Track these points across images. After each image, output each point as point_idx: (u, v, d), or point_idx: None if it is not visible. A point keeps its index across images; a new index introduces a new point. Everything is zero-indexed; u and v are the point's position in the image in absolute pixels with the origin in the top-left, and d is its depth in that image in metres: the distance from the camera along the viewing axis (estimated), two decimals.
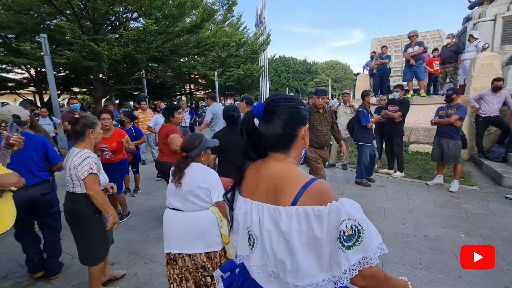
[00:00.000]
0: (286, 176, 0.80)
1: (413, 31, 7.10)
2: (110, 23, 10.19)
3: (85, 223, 1.99)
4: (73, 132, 2.03)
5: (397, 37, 22.31)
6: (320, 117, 3.63)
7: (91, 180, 1.90)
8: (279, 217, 0.76)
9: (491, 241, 2.84)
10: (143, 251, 2.86)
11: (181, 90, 20.47)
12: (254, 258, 0.85)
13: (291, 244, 0.73)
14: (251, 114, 0.84)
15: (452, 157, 4.21)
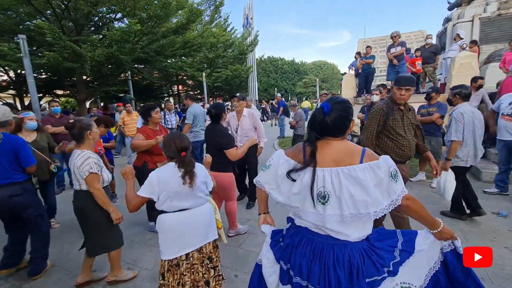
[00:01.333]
0: (349, 149, 1.19)
1: (395, 32, 7.30)
2: (93, 24, 9.97)
3: (92, 218, 2.17)
4: (72, 136, 2.16)
5: (382, 38, 22.78)
6: (402, 117, 2.48)
7: (92, 179, 2.07)
8: (355, 172, 1.11)
9: (470, 235, 2.94)
10: (127, 256, 2.80)
11: (168, 91, 20.23)
12: (329, 209, 1.15)
13: (367, 187, 1.10)
14: (321, 110, 1.19)
15: (434, 154, 4.32)
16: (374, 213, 1.11)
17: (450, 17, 9.61)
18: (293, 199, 1.22)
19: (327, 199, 1.14)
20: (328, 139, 1.21)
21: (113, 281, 2.35)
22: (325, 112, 1.17)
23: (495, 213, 3.39)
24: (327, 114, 1.17)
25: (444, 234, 1.25)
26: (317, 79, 28.42)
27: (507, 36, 7.68)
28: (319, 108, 1.20)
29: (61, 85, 12.16)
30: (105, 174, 2.21)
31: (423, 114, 4.48)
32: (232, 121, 3.91)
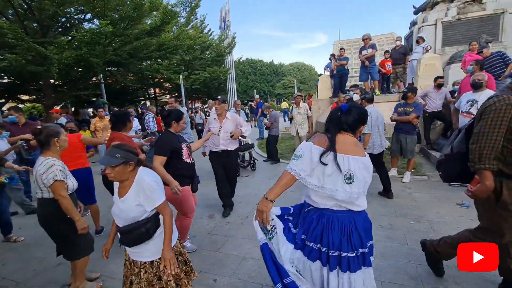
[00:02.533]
0: (357, 143, 1.56)
1: (366, 34, 7.62)
2: (60, 25, 9.47)
3: (57, 225, 2.12)
4: (38, 143, 2.08)
5: (356, 40, 23.64)
6: None
7: (57, 187, 2.01)
8: (367, 161, 1.52)
9: (436, 225, 3.12)
10: (101, 268, 2.68)
11: (145, 94, 19.66)
12: (354, 187, 1.46)
13: (370, 172, 1.52)
14: (338, 109, 1.58)
15: (409, 152, 4.53)
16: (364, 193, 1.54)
17: (415, 21, 10.18)
18: (326, 181, 1.47)
19: (352, 180, 1.46)
20: (342, 133, 1.55)
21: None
22: (342, 110, 1.54)
23: (459, 203, 3.62)
24: (343, 113, 1.54)
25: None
26: (295, 81, 28.92)
27: (466, 39, 8.26)
28: (337, 106, 1.60)
29: (26, 89, 11.40)
30: (70, 182, 2.16)
31: (400, 113, 4.63)
32: (213, 124, 3.73)
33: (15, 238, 3.33)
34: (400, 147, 4.61)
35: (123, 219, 1.66)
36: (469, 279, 2.20)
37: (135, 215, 1.64)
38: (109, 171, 1.59)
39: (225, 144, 3.67)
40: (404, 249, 2.69)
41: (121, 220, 1.68)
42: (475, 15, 8.49)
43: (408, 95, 4.58)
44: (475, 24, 8.52)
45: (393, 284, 2.23)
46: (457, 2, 8.96)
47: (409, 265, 2.44)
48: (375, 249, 2.69)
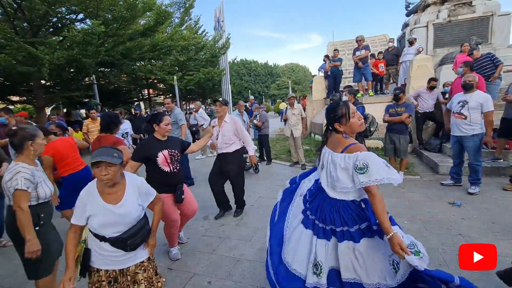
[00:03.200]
0: (339, 141, 1.69)
1: (360, 36, 7.69)
2: (51, 25, 9.30)
3: (20, 236, 1.86)
4: (11, 145, 1.93)
5: (350, 41, 23.74)
6: None
7: (17, 196, 1.82)
8: (335, 157, 1.65)
9: (428, 224, 3.15)
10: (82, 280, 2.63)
11: (138, 95, 19.47)
12: (322, 175, 1.78)
13: (337, 169, 1.62)
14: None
15: (402, 151, 4.59)
16: (341, 188, 1.62)
17: (408, 23, 10.32)
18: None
19: (322, 168, 1.79)
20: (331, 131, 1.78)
21: None
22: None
23: (451, 203, 3.68)
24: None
25: (392, 245, 1.42)
26: (290, 81, 29.02)
27: (457, 41, 8.42)
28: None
29: (16, 90, 11.17)
30: (42, 189, 1.96)
31: (391, 114, 4.68)
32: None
33: (5, 242, 3.26)
34: (394, 147, 4.66)
35: (124, 224, 1.60)
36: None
37: (138, 214, 1.67)
38: (105, 172, 1.51)
39: (223, 148, 3.58)
40: None
41: (121, 226, 1.59)
42: (465, 18, 8.65)
43: (400, 96, 4.63)
44: (466, 26, 8.68)
45: None
46: (448, 5, 9.12)
47: None
48: None
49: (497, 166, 4.62)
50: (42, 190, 1.96)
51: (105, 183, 1.55)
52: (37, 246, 1.83)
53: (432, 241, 2.81)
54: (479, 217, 3.26)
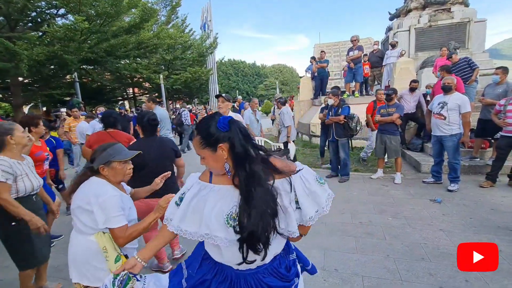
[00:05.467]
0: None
1: (355, 36, 7.79)
2: (30, 20, 8.91)
3: (1, 231, 1.94)
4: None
5: (335, 43, 24.20)
6: None
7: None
8: None
9: (412, 221, 3.27)
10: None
11: (123, 94, 19.00)
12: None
13: None
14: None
15: (394, 151, 4.68)
16: None
17: (391, 27, 10.66)
18: None
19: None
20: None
21: None
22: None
23: (432, 200, 3.83)
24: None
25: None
26: (277, 82, 29.23)
27: (437, 45, 8.77)
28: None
29: None
30: (22, 183, 1.94)
31: (383, 114, 4.77)
32: None
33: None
34: (384, 147, 4.76)
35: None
36: (442, 269, 2.33)
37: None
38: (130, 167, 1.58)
39: None
40: (383, 244, 2.80)
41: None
42: (444, 23, 9.03)
43: (392, 96, 4.75)
44: (445, 31, 9.07)
45: (372, 278, 2.31)
46: (428, 10, 9.49)
47: (387, 259, 2.54)
48: (356, 244, 2.80)
49: (474, 165, 4.86)
50: (22, 184, 1.93)
51: (128, 177, 1.60)
52: (40, 222, 1.90)
53: (415, 236, 2.92)
54: (458, 213, 3.41)
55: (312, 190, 1.02)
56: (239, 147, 0.94)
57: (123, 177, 1.56)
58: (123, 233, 1.41)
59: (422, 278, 2.26)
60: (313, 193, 1.02)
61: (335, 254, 2.68)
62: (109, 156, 1.48)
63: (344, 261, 2.56)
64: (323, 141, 5.81)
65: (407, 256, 2.57)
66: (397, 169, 4.79)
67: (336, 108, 4.85)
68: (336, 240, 2.95)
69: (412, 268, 2.39)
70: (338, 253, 2.70)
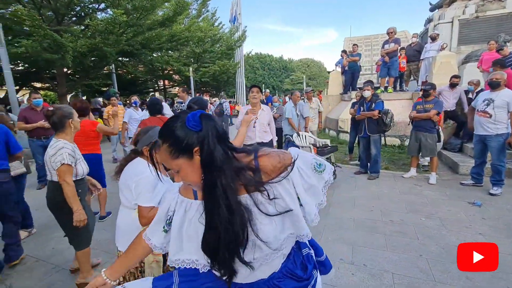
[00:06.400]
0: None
1: (392, 28, 7.40)
2: (74, 14, 9.55)
3: (65, 210, 2.00)
4: (52, 124, 2.03)
5: (367, 37, 23.15)
6: None
7: (63, 171, 1.93)
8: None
9: (448, 223, 3.11)
10: (116, 249, 2.76)
11: (154, 86, 19.78)
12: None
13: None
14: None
15: (430, 150, 4.42)
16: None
17: (431, 18, 9.97)
18: None
19: None
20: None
21: (82, 283, 2.15)
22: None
23: (471, 202, 3.60)
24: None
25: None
26: (304, 77, 28.70)
27: (483, 38, 8.06)
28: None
29: (39, 77, 11.61)
30: (80, 167, 2.10)
31: (419, 110, 4.53)
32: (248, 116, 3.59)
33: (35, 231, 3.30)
34: (419, 145, 4.53)
35: None
36: (481, 274, 2.21)
37: None
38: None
39: (261, 137, 3.56)
40: (415, 244, 2.70)
41: None
42: (494, 14, 8.26)
43: (430, 91, 4.48)
44: (494, 23, 8.30)
45: (403, 276, 2.25)
46: (476, 0, 8.73)
47: (420, 259, 2.45)
48: (386, 242, 2.74)
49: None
50: (80, 167, 2.10)
51: None
52: (83, 215, 1.98)
53: (451, 238, 2.78)
54: (501, 218, 3.18)
55: (310, 183, 0.87)
56: (207, 150, 0.76)
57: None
58: (146, 213, 1.46)
59: (458, 281, 2.16)
60: (312, 186, 0.87)
61: (363, 250, 2.64)
62: (151, 138, 1.56)
63: (373, 257, 2.52)
64: (352, 136, 5.66)
65: (442, 257, 2.46)
66: (432, 169, 4.54)
67: (369, 103, 4.69)
68: (365, 236, 2.89)
69: (447, 270, 2.29)
70: (367, 249, 2.65)
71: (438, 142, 4.56)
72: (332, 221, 3.19)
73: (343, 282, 2.20)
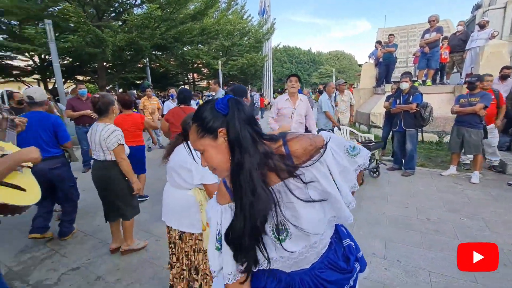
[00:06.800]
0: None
1: (434, 16, 6.82)
2: (113, 10, 10.11)
3: (116, 185, 2.33)
4: (97, 110, 2.26)
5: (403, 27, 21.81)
6: None
7: (120, 150, 2.24)
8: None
9: (492, 224, 2.89)
10: (154, 229, 2.96)
11: (184, 79, 20.41)
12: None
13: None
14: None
15: (473, 147, 4.09)
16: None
17: (480, 4, 9.10)
18: None
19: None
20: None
21: (127, 250, 2.49)
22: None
23: None
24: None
25: None
26: (333, 70, 27.74)
27: None
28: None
29: (82, 71, 12.52)
30: (126, 147, 2.38)
31: (463, 104, 4.21)
32: (285, 105, 3.42)
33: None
34: (461, 142, 4.21)
35: None
36: None
37: None
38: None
39: (296, 128, 3.41)
40: (454, 243, 2.55)
41: None
42: None
43: (476, 84, 4.13)
44: None
45: (441, 275, 2.15)
46: None
47: None
48: (422, 239, 2.62)
49: None
50: (126, 148, 2.35)
51: None
52: (139, 184, 2.39)
53: (496, 240, 2.59)
54: None
55: (344, 164, 0.84)
56: (233, 132, 0.75)
57: None
58: (215, 188, 1.53)
59: (502, 285, 2.03)
60: (345, 168, 0.84)
61: (397, 246, 2.55)
62: None
63: (407, 254, 2.43)
64: (386, 131, 5.42)
65: None
66: (476, 167, 4.21)
67: (407, 96, 4.44)
68: (398, 232, 2.80)
69: (490, 272, 2.15)
70: (401, 245, 2.57)
71: (484, 139, 4.18)
72: (364, 216, 3.12)
73: (375, 275, 2.16)
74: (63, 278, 2.24)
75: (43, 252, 2.61)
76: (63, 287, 2.13)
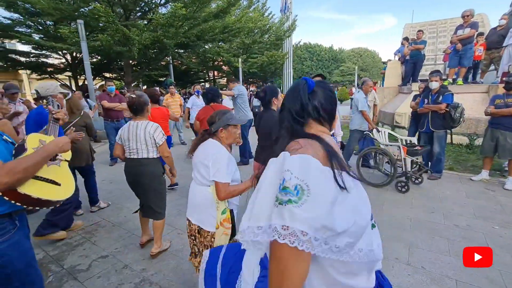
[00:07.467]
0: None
1: (469, 10, 6.40)
2: (140, 9, 10.46)
3: (157, 182, 2.43)
4: (134, 109, 2.35)
5: (432, 22, 20.79)
6: None
7: (164, 146, 2.38)
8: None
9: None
10: (176, 223, 3.07)
11: (204, 77, 20.72)
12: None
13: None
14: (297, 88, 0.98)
15: (509, 151, 3.83)
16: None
17: None
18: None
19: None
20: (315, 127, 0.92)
21: (158, 253, 2.44)
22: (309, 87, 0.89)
23: None
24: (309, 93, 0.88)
25: None
26: (356, 68, 26.94)
27: None
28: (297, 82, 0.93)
29: (109, 68, 13.10)
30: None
31: (498, 105, 3.95)
32: None
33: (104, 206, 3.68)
34: (495, 145, 3.97)
35: None
36: None
37: None
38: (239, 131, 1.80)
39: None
40: None
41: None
42: None
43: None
44: None
45: (469, 284, 2.06)
46: None
47: (491, 269, 2.20)
48: (449, 247, 2.51)
49: None
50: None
51: (237, 141, 1.84)
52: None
53: None
54: None
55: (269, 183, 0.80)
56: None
57: (233, 140, 1.77)
58: (225, 188, 1.59)
59: None
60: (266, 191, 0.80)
61: (422, 252, 2.47)
62: (227, 120, 1.69)
63: (433, 260, 2.34)
64: (412, 132, 5.21)
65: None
66: (511, 173, 3.95)
67: (436, 95, 4.24)
68: (423, 238, 2.69)
69: None
70: (426, 251, 2.48)
71: None
72: (386, 219, 3.03)
73: (398, 281, 2.11)
74: (94, 265, 2.38)
75: (76, 240, 2.79)
76: (94, 273, 2.27)
